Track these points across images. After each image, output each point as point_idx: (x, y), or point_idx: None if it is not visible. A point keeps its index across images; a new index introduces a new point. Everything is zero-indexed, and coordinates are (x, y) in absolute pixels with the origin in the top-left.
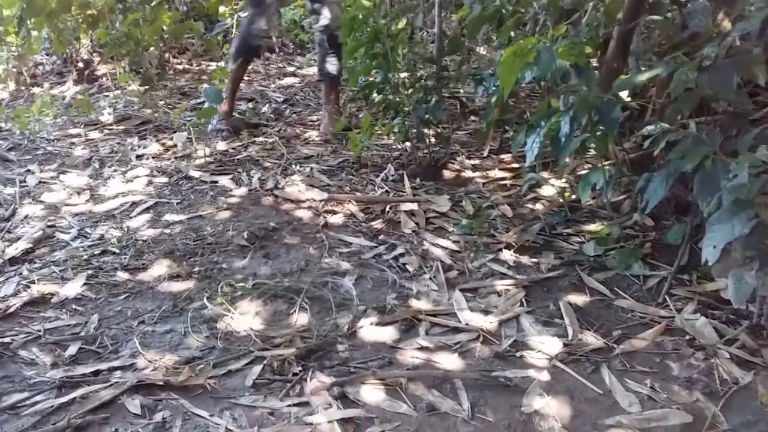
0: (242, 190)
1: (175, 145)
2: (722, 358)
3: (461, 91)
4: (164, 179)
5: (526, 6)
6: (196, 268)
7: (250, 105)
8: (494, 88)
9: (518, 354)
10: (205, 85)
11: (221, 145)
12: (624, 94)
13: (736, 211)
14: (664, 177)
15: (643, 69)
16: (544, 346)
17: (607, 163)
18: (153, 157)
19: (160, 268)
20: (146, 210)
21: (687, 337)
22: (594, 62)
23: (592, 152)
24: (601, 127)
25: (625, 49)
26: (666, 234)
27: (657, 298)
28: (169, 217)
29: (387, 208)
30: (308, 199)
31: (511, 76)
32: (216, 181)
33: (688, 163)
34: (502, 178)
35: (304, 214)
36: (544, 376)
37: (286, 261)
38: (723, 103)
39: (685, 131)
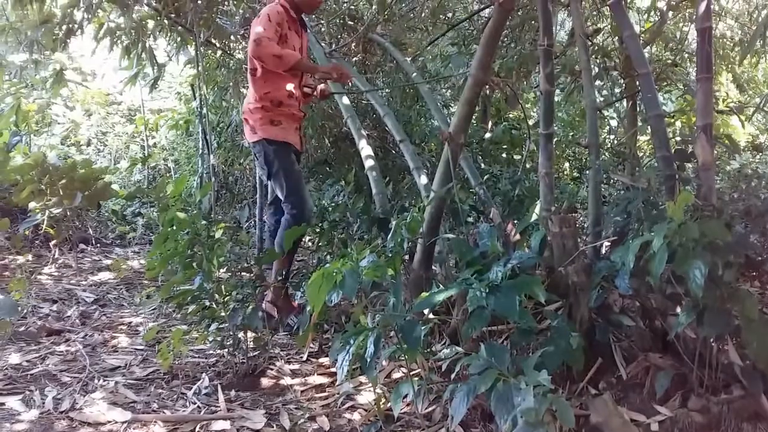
0: (32, 414)
1: None
2: None
3: None
4: None
5: (343, 212)
6: None
7: (54, 308)
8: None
9: None
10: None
11: (14, 358)
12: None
13: (530, 431)
14: (465, 393)
15: (440, 288)
16: None
17: (415, 372)
18: None
19: None
20: None
21: None
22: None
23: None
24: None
25: (428, 258)
26: None
27: None
28: None
29: (197, 428)
30: (109, 421)
31: (319, 297)
32: (2, 404)
33: (482, 385)
34: (321, 385)
35: None
36: None
37: None
38: None
39: (476, 355)
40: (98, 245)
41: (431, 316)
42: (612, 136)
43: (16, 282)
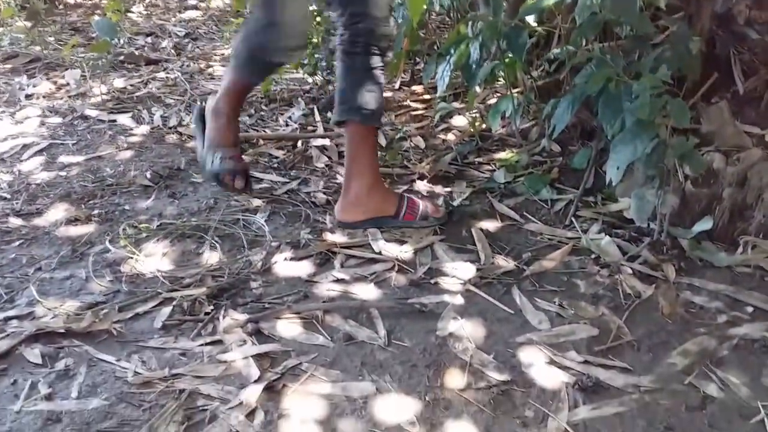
0: (144, 129)
1: (68, 84)
2: (626, 274)
3: None
4: (58, 119)
5: None
6: (96, 211)
7: (149, 40)
8: (403, 18)
9: (433, 281)
10: (97, 17)
11: (119, 82)
12: (531, 20)
13: (638, 132)
14: (569, 102)
15: None
16: (457, 272)
17: (515, 90)
18: (44, 97)
19: (57, 212)
20: (39, 152)
21: (593, 256)
22: None
23: (501, 82)
24: (509, 54)
25: None
26: (572, 159)
27: (564, 221)
28: (64, 158)
29: (299, 144)
30: None
31: (419, 3)
32: (114, 120)
33: (592, 86)
34: (414, 110)
35: None
36: (458, 300)
37: (193, 200)
38: (626, 27)
39: (590, 53)
40: None
41: (536, 26)
42: None
43: (112, 3)
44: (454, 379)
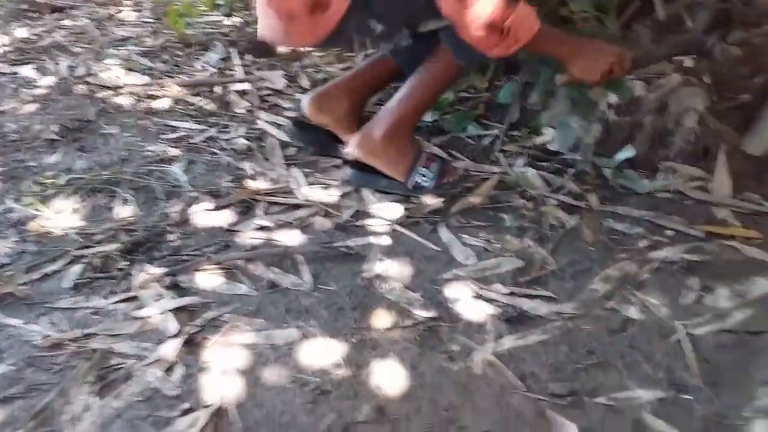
0: (49, 80)
1: None
2: (550, 205)
3: None
4: None
5: None
6: None
7: None
8: None
9: (359, 223)
10: None
11: (21, 32)
12: None
13: None
14: None
15: None
16: (384, 213)
17: None
18: None
19: None
20: None
21: (518, 190)
22: None
23: None
24: None
25: None
26: (497, 93)
27: (490, 156)
28: None
29: (217, 89)
30: (127, 84)
31: None
32: (16, 73)
33: None
34: (340, 50)
35: (123, 101)
36: (385, 241)
37: (104, 152)
38: None
39: None
40: None
41: None
42: None
43: None
44: (381, 320)
